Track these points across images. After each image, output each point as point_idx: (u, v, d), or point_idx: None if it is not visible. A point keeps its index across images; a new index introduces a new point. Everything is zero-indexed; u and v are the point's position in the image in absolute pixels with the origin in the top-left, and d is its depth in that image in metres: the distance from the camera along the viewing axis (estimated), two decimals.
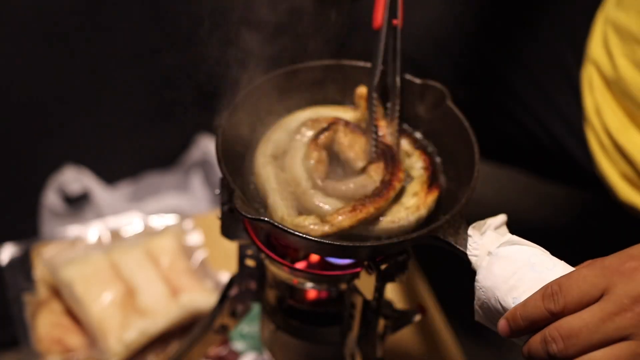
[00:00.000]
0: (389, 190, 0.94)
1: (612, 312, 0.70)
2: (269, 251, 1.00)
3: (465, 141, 0.99)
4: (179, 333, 1.46)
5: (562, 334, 0.72)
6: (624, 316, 0.70)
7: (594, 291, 0.72)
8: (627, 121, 1.25)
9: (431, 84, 1.04)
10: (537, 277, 0.78)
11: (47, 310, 1.47)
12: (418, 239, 0.89)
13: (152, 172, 1.99)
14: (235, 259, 1.11)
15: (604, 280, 0.72)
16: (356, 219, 0.91)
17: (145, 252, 1.53)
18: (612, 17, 1.27)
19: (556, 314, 0.73)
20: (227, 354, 1.42)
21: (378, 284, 0.93)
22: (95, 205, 1.85)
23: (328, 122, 1.01)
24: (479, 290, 0.82)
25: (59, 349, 1.42)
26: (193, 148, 1.96)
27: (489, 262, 0.82)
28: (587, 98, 1.33)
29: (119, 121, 1.90)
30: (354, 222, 0.91)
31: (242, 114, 1.01)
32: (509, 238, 0.83)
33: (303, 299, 1.10)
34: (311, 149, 0.98)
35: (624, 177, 1.28)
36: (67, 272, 1.45)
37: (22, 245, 1.57)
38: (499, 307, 0.80)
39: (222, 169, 0.92)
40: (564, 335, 0.71)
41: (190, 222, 1.65)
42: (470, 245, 0.85)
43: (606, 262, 0.74)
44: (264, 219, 0.86)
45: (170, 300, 1.45)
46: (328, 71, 1.08)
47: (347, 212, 0.91)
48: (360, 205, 0.91)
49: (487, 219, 0.86)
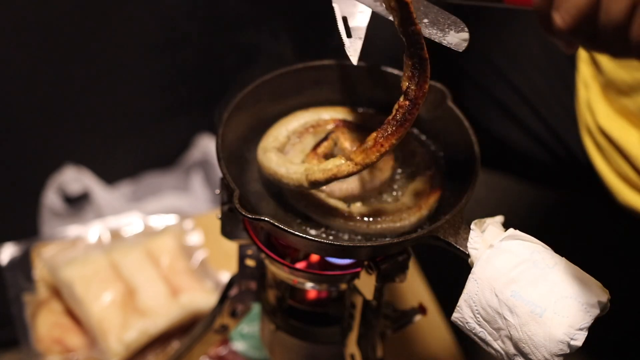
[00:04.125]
0: (413, 110, 0.86)
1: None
2: (269, 251, 1.01)
3: (466, 141, 0.99)
4: (179, 333, 1.46)
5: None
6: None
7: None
8: (617, 117, 1.26)
9: (431, 84, 1.03)
10: (538, 273, 0.78)
11: (47, 310, 1.47)
12: (418, 239, 0.89)
13: (152, 172, 1.99)
14: (235, 259, 1.11)
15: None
16: (380, 152, 0.87)
17: (145, 252, 1.53)
18: None
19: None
20: (227, 354, 1.42)
21: (378, 284, 0.93)
22: (95, 205, 1.85)
23: (327, 131, 1.02)
24: (473, 282, 0.82)
25: (59, 349, 1.42)
26: (193, 148, 1.97)
27: (490, 255, 0.82)
28: (581, 97, 1.33)
29: (119, 121, 1.90)
30: (378, 157, 0.87)
31: (242, 114, 1.02)
32: (511, 232, 0.83)
33: (303, 299, 1.10)
34: (311, 157, 0.98)
35: (622, 177, 1.28)
36: (67, 272, 1.45)
37: (22, 245, 1.57)
38: (494, 299, 0.79)
39: (222, 169, 0.92)
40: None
41: (190, 222, 1.65)
42: (471, 239, 0.85)
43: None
44: (264, 219, 0.86)
45: (170, 300, 1.45)
46: (328, 71, 1.08)
47: (369, 148, 0.87)
48: (382, 139, 0.87)
49: (486, 219, 0.87)
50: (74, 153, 1.87)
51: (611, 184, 1.29)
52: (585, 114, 1.33)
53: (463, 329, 0.85)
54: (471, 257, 0.84)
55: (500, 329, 0.81)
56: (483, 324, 0.82)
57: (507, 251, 0.81)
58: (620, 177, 1.28)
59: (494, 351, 0.83)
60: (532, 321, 0.78)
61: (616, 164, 1.27)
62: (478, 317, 0.82)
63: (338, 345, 1.09)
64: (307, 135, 1.03)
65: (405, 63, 0.85)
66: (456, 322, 0.85)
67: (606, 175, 1.30)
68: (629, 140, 1.23)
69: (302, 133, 1.03)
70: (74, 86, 1.78)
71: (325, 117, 1.05)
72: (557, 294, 0.78)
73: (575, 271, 0.79)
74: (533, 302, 0.78)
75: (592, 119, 1.31)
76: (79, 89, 1.79)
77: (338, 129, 1.03)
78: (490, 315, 0.81)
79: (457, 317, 0.84)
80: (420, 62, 0.84)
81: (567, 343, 0.77)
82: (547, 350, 0.77)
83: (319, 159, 0.98)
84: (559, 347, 0.77)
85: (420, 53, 0.84)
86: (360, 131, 1.03)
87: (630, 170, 1.25)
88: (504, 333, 0.80)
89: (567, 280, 0.78)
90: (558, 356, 0.78)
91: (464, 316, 0.84)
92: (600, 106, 1.29)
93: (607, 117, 1.27)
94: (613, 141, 1.26)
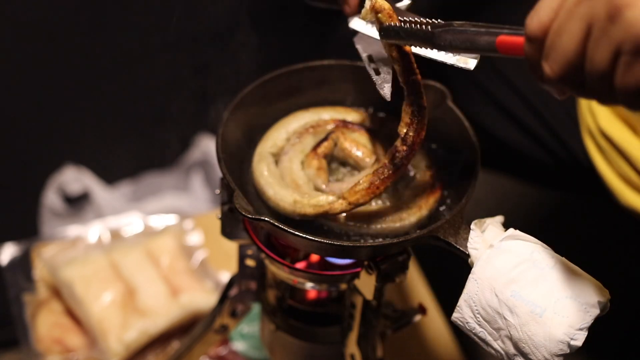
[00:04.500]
0: (409, 155, 0.90)
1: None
2: (269, 251, 1.00)
3: (466, 141, 0.99)
4: (179, 333, 1.46)
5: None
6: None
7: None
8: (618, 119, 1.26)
9: (431, 84, 1.03)
10: (538, 273, 0.78)
11: (47, 310, 1.47)
12: (418, 239, 0.89)
13: (152, 172, 1.99)
14: (235, 259, 1.11)
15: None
16: (373, 194, 0.90)
17: (145, 252, 1.53)
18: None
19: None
20: (227, 354, 1.42)
21: (378, 284, 0.93)
22: (95, 205, 1.85)
23: (327, 131, 1.02)
24: (473, 282, 0.82)
25: (59, 349, 1.42)
26: (193, 148, 1.96)
27: (490, 254, 0.82)
28: (582, 99, 1.33)
29: (119, 121, 1.90)
30: (371, 197, 0.91)
31: (242, 114, 1.01)
32: (511, 232, 0.83)
33: (303, 299, 1.10)
34: (310, 157, 0.98)
35: (623, 179, 1.28)
36: (67, 272, 1.45)
37: (22, 245, 1.57)
38: (494, 299, 0.79)
39: (222, 169, 0.92)
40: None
41: (190, 222, 1.65)
42: (471, 239, 0.85)
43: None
44: (264, 219, 0.86)
45: (170, 300, 1.45)
46: (328, 71, 1.08)
47: (364, 189, 0.90)
48: (378, 182, 0.90)
49: (486, 219, 0.87)
50: (74, 153, 1.87)
51: (613, 185, 1.29)
52: (587, 116, 1.33)
53: (463, 329, 0.85)
54: (471, 257, 0.84)
55: (500, 329, 0.81)
56: (483, 324, 0.82)
57: (507, 251, 0.81)
58: (621, 179, 1.28)
59: (494, 351, 0.83)
60: (532, 321, 0.78)
61: (617, 166, 1.27)
62: (478, 317, 0.82)
63: (338, 345, 1.09)
64: (307, 136, 1.03)
65: (404, 110, 0.89)
66: (456, 322, 0.85)
67: (607, 176, 1.30)
68: (631, 142, 1.23)
69: (302, 133, 1.03)
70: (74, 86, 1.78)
71: (325, 117, 1.05)
72: (557, 294, 0.78)
73: (575, 271, 0.79)
74: (533, 302, 0.78)
75: (593, 121, 1.31)
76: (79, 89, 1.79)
77: (338, 129, 1.03)
78: (490, 315, 0.81)
79: (457, 317, 0.84)
80: (419, 109, 0.88)
81: (567, 343, 0.77)
82: (547, 350, 0.77)
83: (319, 159, 0.98)
84: (559, 347, 0.77)
85: (420, 102, 0.87)
86: (360, 131, 1.03)
87: (632, 172, 1.25)
88: (504, 333, 0.80)
89: (567, 280, 0.78)
90: (558, 356, 0.78)
91: (464, 316, 0.84)
92: (601, 108, 1.29)
93: (608, 120, 1.27)
94: (614, 143, 1.26)
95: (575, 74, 0.66)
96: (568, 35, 0.64)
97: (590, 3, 0.62)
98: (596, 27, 0.62)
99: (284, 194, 0.94)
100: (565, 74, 0.66)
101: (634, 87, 0.61)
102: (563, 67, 0.66)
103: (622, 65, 0.61)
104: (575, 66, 0.65)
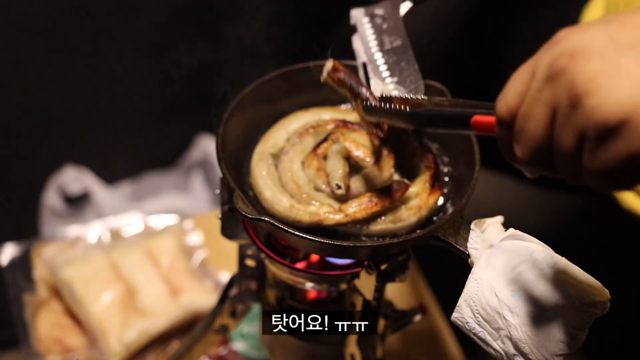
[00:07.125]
0: (407, 186, 0.94)
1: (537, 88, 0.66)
2: (269, 251, 1.00)
3: (466, 141, 0.99)
4: (179, 333, 1.46)
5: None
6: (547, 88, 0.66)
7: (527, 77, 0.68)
8: None
9: (431, 84, 1.03)
10: (538, 274, 0.78)
11: (47, 310, 1.47)
12: (418, 239, 0.89)
13: (152, 172, 1.99)
14: (235, 259, 1.11)
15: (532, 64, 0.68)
16: (370, 211, 0.91)
17: (145, 252, 1.53)
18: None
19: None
20: (227, 354, 1.42)
21: (378, 284, 0.93)
22: (95, 205, 1.85)
23: (327, 132, 1.02)
24: (473, 282, 0.82)
25: (59, 349, 1.42)
26: (193, 148, 1.97)
27: (490, 254, 0.82)
28: None
29: (119, 121, 1.90)
30: (368, 214, 0.91)
31: (242, 114, 1.01)
32: (511, 232, 0.83)
33: (303, 298, 1.10)
34: (310, 158, 0.98)
35: None
36: (67, 272, 1.45)
37: (22, 245, 1.57)
38: (494, 299, 0.79)
39: (222, 169, 0.92)
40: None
41: (190, 222, 1.65)
42: (471, 239, 0.85)
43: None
44: (264, 219, 0.86)
45: (170, 300, 1.45)
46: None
47: (361, 204, 0.91)
48: (375, 199, 0.92)
49: (486, 219, 0.87)
50: (74, 153, 1.87)
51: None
52: None
53: (463, 329, 0.85)
54: (471, 257, 0.84)
55: (500, 329, 0.81)
56: (483, 324, 0.82)
57: (507, 251, 0.81)
58: None
59: (494, 351, 0.83)
60: (532, 321, 0.78)
61: None
62: (478, 317, 0.82)
63: (338, 345, 1.09)
64: (307, 136, 1.02)
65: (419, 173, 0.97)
66: (456, 322, 0.85)
67: None
68: None
69: (302, 133, 1.03)
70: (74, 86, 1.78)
71: (325, 117, 1.05)
72: (557, 294, 0.78)
73: (575, 271, 0.79)
74: (533, 302, 0.78)
75: None
76: (79, 89, 1.79)
77: (338, 129, 1.02)
78: (490, 315, 0.81)
79: (457, 317, 0.84)
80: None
81: (567, 343, 0.77)
82: (547, 350, 0.77)
83: (319, 159, 0.98)
84: (559, 347, 0.77)
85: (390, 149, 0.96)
86: (360, 131, 1.03)
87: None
88: (504, 333, 0.80)
89: (567, 280, 0.78)
90: (558, 356, 0.77)
91: (463, 316, 0.84)
92: None
93: None
94: None
95: (545, 156, 0.67)
96: (534, 121, 0.65)
97: (552, 89, 0.63)
98: (560, 113, 0.63)
99: (281, 198, 0.94)
100: (534, 156, 0.67)
101: (599, 171, 0.62)
102: (532, 150, 0.67)
103: (587, 151, 0.62)
104: (544, 149, 0.66)
